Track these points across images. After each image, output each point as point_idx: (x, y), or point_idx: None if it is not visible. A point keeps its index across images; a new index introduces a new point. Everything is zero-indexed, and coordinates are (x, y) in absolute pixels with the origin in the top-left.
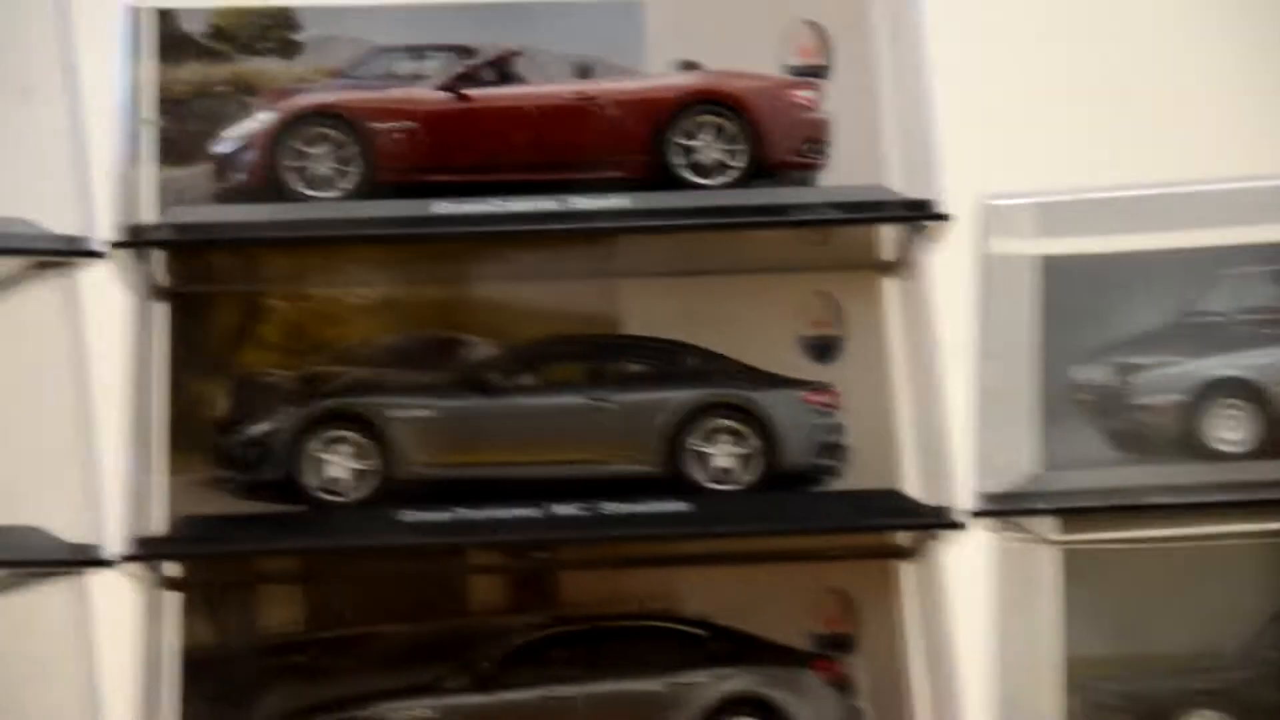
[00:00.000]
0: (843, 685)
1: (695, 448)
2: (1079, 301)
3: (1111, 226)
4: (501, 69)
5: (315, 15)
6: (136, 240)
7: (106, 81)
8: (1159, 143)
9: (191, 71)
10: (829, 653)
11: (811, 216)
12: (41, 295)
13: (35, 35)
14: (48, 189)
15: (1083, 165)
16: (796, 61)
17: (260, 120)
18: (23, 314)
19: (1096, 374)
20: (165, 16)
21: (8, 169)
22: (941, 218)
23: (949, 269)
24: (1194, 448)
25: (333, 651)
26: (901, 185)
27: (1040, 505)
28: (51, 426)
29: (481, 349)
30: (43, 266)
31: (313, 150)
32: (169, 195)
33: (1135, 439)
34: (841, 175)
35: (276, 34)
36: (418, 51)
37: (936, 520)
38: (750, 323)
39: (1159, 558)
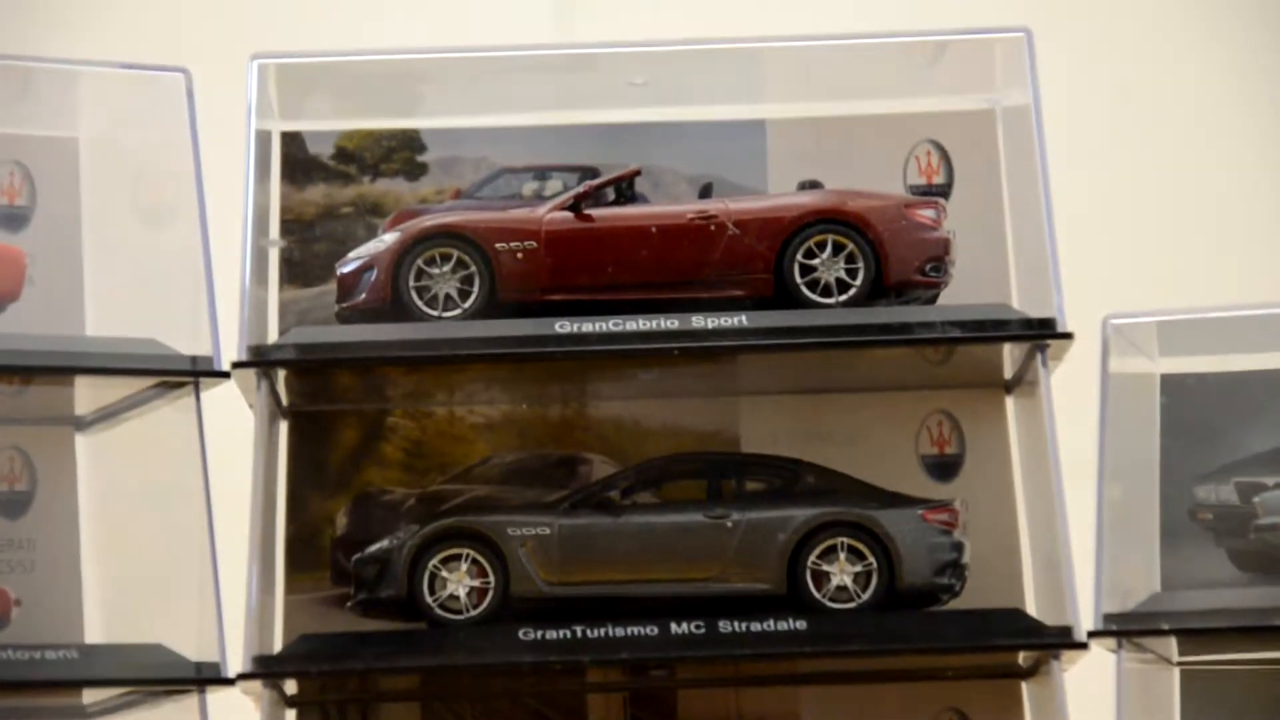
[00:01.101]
0: None
1: (814, 566)
2: (1201, 420)
3: (1233, 345)
4: (623, 189)
5: (439, 136)
6: (259, 360)
7: (233, 203)
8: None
9: (317, 193)
10: None
11: (932, 335)
12: (167, 414)
13: (165, 160)
14: (174, 309)
15: (1204, 284)
16: (918, 181)
17: (384, 241)
18: (148, 433)
19: (1219, 493)
20: (292, 139)
21: (136, 290)
22: (1063, 336)
23: (1070, 387)
24: None
25: None
26: (1023, 304)
27: (1164, 626)
28: (174, 543)
29: (601, 467)
30: (168, 386)
31: (436, 270)
32: (292, 315)
33: (1258, 559)
34: (963, 294)
35: (401, 155)
36: (540, 172)
37: (1059, 640)
38: (870, 441)
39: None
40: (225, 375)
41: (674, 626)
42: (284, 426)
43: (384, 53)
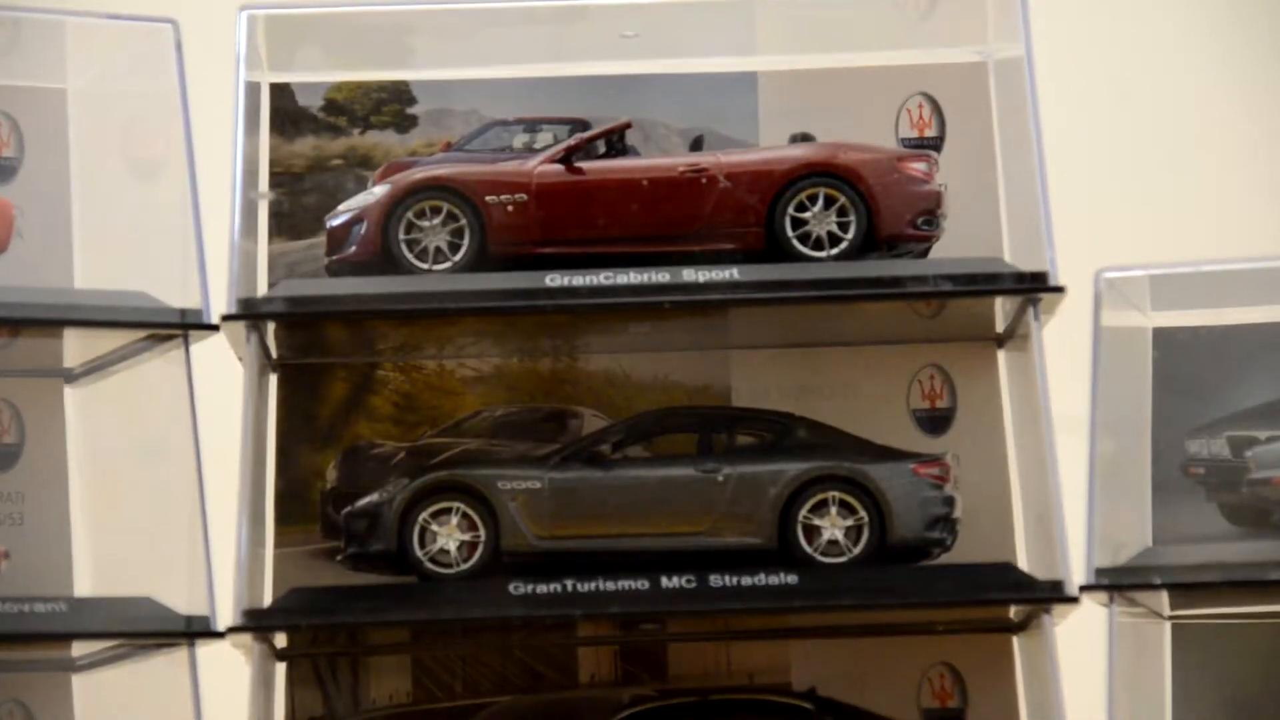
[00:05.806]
0: None
1: (806, 520)
2: (1193, 374)
3: (1226, 299)
4: (614, 141)
5: (429, 88)
6: (249, 313)
7: (222, 155)
8: (1273, 214)
9: (306, 145)
10: None
11: (924, 289)
12: (156, 367)
13: (154, 112)
14: (163, 262)
15: (1196, 237)
16: (910, 134)
17: (373, 193)
18: (137, 385)
19: (1211, 447)
20: (281, 91)
21: (125, 242)
22: (1055, 290)
23: (1062, 341)
24: None
25: None
26: (1015, 258)
27: (1156, 580)
28: (163, 496)
29: (592, 421)
30: (157, 339)
31: (426, 223)
32: (282, 268)
33: (1250, 513)
34: (955, 247)
35: (391, 108)
36: (531, 124)
37: (1050, 594)
38: (861, 395)
39: (1273, 634)
40: (214, 328)
41: (665, 580)
42: (273, 379)
43: (373, 3)
